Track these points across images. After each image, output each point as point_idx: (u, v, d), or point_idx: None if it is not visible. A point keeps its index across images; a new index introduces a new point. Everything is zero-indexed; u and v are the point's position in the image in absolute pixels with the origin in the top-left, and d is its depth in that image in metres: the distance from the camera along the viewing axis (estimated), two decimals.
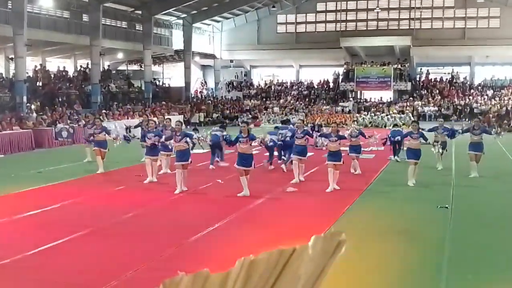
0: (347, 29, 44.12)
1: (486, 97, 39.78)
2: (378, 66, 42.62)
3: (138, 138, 16.82)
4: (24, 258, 7.49)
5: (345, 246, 0.93)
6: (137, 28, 37.42)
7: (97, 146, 15.69)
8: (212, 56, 46.40)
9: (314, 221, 9.91)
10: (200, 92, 47.23)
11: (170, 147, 14.21)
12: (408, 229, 9.55)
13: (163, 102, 37.90)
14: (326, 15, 44.83)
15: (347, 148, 15.55)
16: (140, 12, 36.45)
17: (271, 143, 15.58)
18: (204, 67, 49.55)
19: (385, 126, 34.02)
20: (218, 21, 45.27)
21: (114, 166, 16.43)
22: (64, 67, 35.52)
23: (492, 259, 7.94)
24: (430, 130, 16.29)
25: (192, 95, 43.70)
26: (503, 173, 15.26)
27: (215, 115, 38.62)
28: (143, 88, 38.88)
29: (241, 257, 0.91)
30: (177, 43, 41.59)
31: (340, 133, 13.86)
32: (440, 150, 15.47)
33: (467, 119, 37.93)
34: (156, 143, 13.92)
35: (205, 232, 9.04)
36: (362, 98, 43.74)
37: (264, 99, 44.33)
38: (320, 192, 12.54)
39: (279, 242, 1.01)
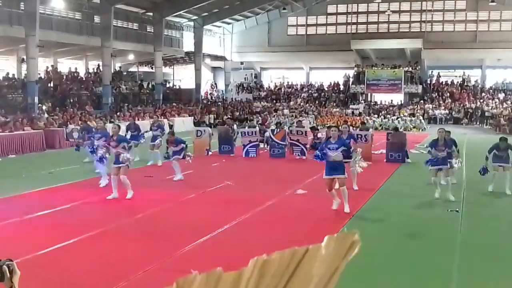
0: (358, 31, 44.07)
1: (497, 100, 39.54)
2: (388, 68, 42.51)
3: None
4: (34, 258, 7.53)
5: (358, 246, 0.93)
6: (148, 30, 37.57)
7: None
8: (222, 58, 46.49)
9: (324, 223, 9.89)
10: (210, 94, 47.34)
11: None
12: (418, 232, 9.51)
13: (174, 104, 38.01)
14: (337, 18, 44.79)
15: None
16: (151, 14, 36.62)
17: None
18: (214, 69, 49.67)
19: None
20: (228, 23, 45.37)
21: None
22: (75, 68, 35.75)
23: (503, 262, 7.90)
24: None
25: (202, 97, 43.79)
26: None
27: (225, 117, 38.63)
28: (154, 89, 39.03)
29: (254, 257, 0.91)
30: (188, 45, 41.72)
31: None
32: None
33: (478, 123, 37.76)
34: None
35: (215, 233, 9.05)
36: (373, 100, 43.64)
37: (274, 101, 44.34)
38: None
39: (290, 243, 1.02)
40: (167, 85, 43.51)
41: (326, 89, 46.00)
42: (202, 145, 20.27)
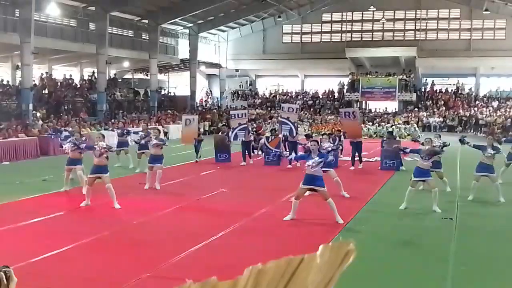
0: (353, 39, 44.22)
1: (491, 108, 39.70)
2: (383, 76, 42.64)
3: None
4: (28, 265, 7.49)
5: (354, 255, 0.94)
6: (143, 37, 37.58)
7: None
8: (217, 66, 46.54)
9: (319, 231, 9.89)
10: (205, 101, 47.34)
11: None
12: (412, 240, 9.52)
13: (169, 111, 37.98)
14: (331, 26, 44.95)
15: None
16: (146, 21, 36.64)
17: None
18: (209, 76, 49.68)
19: None
20: (224, 31, 45.43)
21: (118, 174, 16.44)
22: (70, 75, 35.69)
23: (497, 270, 7.90)
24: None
25: (197, 104, 43.78)
26: (508, 184, 15.15)
27: (220, 124, 38.62)
28: (148, 97, 38.99)
29: (249, 265, 0.91)
30: (183, 52, 41.74)
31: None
32: None
33: (472, 131, 37.90)
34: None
35: (209, 241, 9.03)
36: (367, 108, 43.74)
37: (269, 109, 44.38)
38: (324, 201, 12.48)
39: (283, 251, 1.02)
40: (162, 92, 43.48)
41: (320, 96, 46.07)
42: (190, 133, 20.22)
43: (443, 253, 8.63)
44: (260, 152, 21.75)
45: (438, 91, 44.27)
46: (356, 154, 18.74)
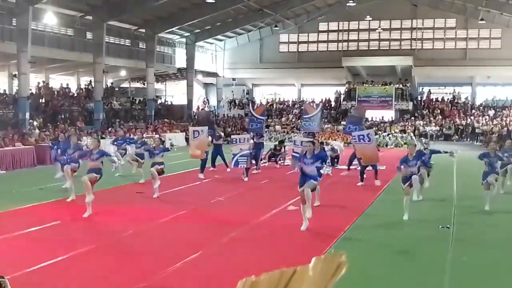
0: (349, 49, 44.33)
1: (487, 117, 39.81)
2: (379, 85, 42.73)
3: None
4: (24, 275, 7.47)
5: (345, 267, 0.95)
6: (140, 46, 37.63)
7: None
8: (214, 74, 46.62)
9: (315, 240, 9.89)
10: (202, 109, 47.37)
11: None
12: (408, 250, 9.51)
13: (165, 120, 37.99)
14: (328, 35, 45.08)
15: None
16: (143, 30, 36.71)
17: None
18: (206, 85, 49.74)
19: (386, 145, 34.10)
20: (221, 40, 45.55)
21: (115, 183, 16.43)
22: (67, 84, 35.69)
23: (494, 279, 7.90)
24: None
25: (194, 113, 43.80)
26: (505, 193, 15.18)
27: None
28: (145, 105, 39.00)
29: (243, 277, 0.93)
30: (180, 61, 41.81)
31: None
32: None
33: (468, 139, 37.98)
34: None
35: (205, 251, 9.02)
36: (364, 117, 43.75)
37: (266, 118, 44.42)
38: (320, 211, 12.50)
39: (279, 262, 1.03)
40: (159, 101, 43.52)
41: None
42: (201, 146, 17.93)
43: (439, 262, 8.62)
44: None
45: (434, 100, 44.40)
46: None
